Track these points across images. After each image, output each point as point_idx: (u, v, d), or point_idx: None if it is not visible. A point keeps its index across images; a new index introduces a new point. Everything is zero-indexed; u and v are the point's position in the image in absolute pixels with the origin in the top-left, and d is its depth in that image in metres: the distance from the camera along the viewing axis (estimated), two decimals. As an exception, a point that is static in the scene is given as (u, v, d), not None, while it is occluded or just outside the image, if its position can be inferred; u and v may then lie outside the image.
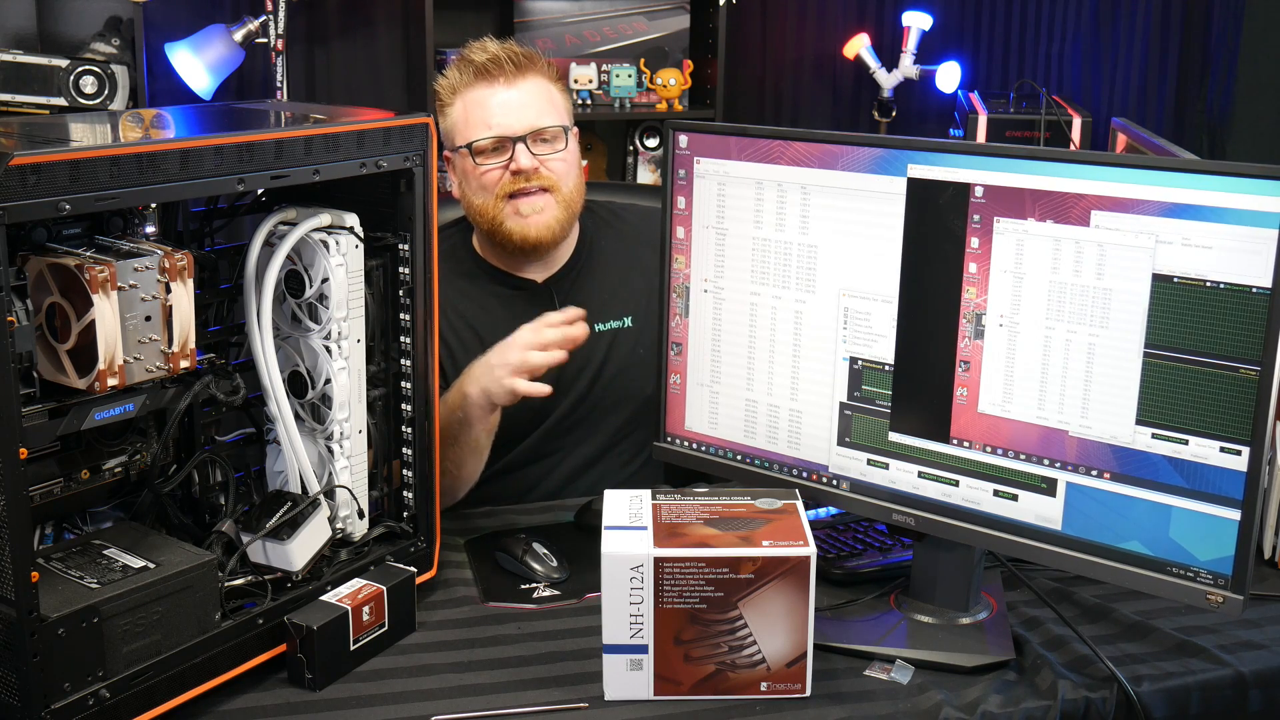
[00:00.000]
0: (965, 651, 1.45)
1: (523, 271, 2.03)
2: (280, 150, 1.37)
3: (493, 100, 1.94)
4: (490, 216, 1.95)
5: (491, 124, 1.93)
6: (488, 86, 1.94)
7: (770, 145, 1.52)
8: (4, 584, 1.18)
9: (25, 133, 1.33)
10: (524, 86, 1.95)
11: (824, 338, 1.52)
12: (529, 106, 1.94)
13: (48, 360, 1.28)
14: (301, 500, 1.47)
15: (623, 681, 1.37)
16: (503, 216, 1.95)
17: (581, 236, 2.08)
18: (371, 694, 1.39)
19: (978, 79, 4.21)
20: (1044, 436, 1.40)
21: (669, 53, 3.89)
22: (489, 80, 1.94)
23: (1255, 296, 1.25)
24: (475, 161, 1.95)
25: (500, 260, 2.04)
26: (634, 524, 1.39)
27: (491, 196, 1.94)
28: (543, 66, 1.99)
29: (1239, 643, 1.48)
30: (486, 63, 1.94)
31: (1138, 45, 4.28)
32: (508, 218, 1.94)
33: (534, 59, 1.98)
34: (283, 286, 1.47)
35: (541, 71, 1.98)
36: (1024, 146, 1.98)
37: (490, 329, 2.00)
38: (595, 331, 2.02)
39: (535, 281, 2.03)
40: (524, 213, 1.94)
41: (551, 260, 2.04)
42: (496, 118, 1.93)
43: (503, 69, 1.94)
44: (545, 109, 1.96)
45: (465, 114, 1.96)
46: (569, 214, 1.98)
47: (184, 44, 3.30)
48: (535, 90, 1.96)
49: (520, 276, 2.04)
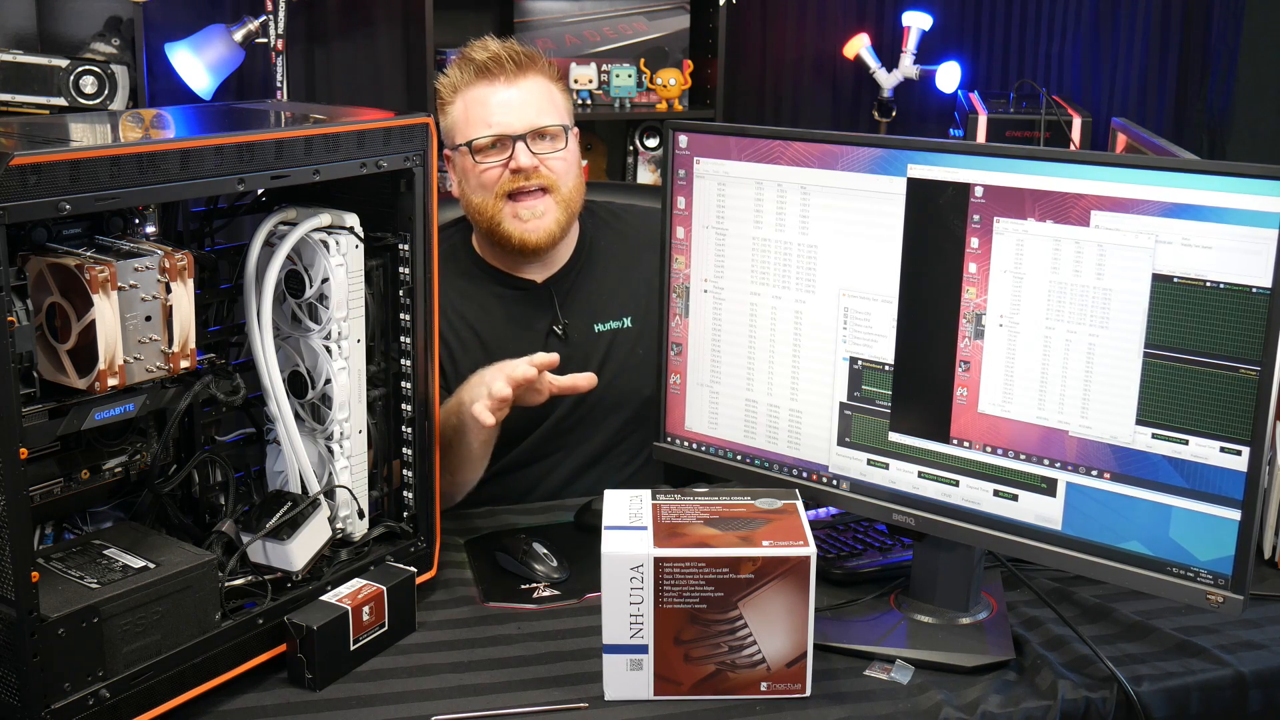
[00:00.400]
0: (965, 651, 1.45)
1: (522, 272, 2.03)
2: (280, 150, 1.37)
3: (493, 99, 1.94)
4: (489, 216, 1.95)
5: (491, 122, 1.93)
6: (488, 85, 1.95)
7: (770, 145, 1.52)
8: (4, 584, 1.18)
9: (25, 133, 1.33)
10: (525, 85, 1.95)
11: (824, 338, 1.52)
12: (529, 105, 1.94)
13: (48, 360, 1.28)
14: (301, 500, 1.47)
15: (623, 681, 1.37)
16: (501, 217, 1.95)
17: (581, 237, 2.08)
18: (371, 694, 1.39)
19: (978, 79, 4.21)
20: (1044, 436, 1.40)
21: (669, 53, 3.89)
22: (490, 79, 1.95)
23: (1255, 296, 1.25)
24: (475, 160, 1.95)
25: (499, 260, 2.04)
26: (634, 524, 1.39)
27: (491, 195, 1.94)
28: (544, 66, 1.99)
29: (1239, 643, 1.48)
30: (487, 61, 1.94)
31: (1138, 45, 4.27)
32: (506, 219, 1.94)
33: (535, 58, 1.98)
34: (283, 286, 1.47)
35: (542, 71, 1.98)
36: (1024, 146, 1.98)
37: (490, 329, 2.00)
38: (595, 332, 2.02)
39: (535, 282, 2.03)
40: (523, 217, 1.94)
41: (551, 260, 2.04)
42: (497, 116, 1.93)
43: (503, 68, 1.94)
44: (545, 108, 1.96)
45: (466, 112, 1.95)
46: (568, 215, 1.98)
47: (184, 44, 3.30)
48: (536, 89, 1.96)
49: (520, 277, 2.03)
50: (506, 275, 2.03)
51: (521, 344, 1.93)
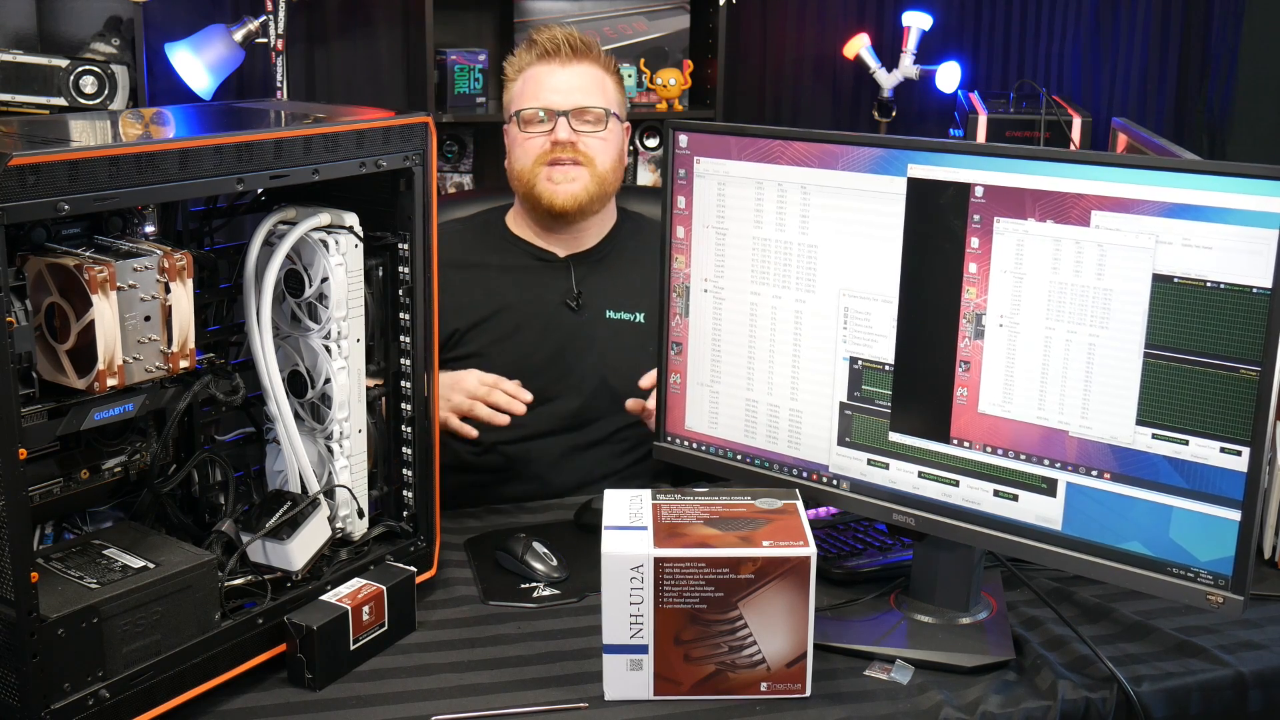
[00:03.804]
0: (965, 651, 1.45)
1: (548, 243, 2.14)
2: (280, 150, 1.37)
3: (548, 79, 2.10)
4: (526, 180, 2.09)
5: (542, 97, 2.09)
6: (546, 66, 2.11)
7: (770, 145, 1.52)
8: (4, 584, 1.18)
9: (25, 133, 1.33)
10: (578, 70, 2.11)
11: (824, 338, 1.52)
12: (579, 89, 2.10)
13: (47, 360, 1.28)
14: (301, 500, 1.47)
15: (623, 681, 1.37)
16: (536, 180, 2.08)
17: (615, 229, 2.19)
18: (371, 694, 1.39)
19: (978, 79, 4.21)
20: (1044, 437, 1.40)
21: (669, 53, 3.89)
22: (548, 61, 2.12)
23: (1255, 297, 1.25)
24: (522, 130, 2.10)
25: (529, 231, 2.16)
26: (634, 524, 1.39)
27: (530, 161, 2.08)
28: (599, 56, 2.15)
29: (1239, 643, 1.48)
30: (547, 44, 2.12)
31: (1138, 45, 4.27)
32: (541, 181, 2.08)
33: (592, 47, 2.14)
34: (282, 286, 1.47)
35: (597, 60, 2.14)
36: (1024, 146, 1.99)
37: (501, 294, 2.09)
38: (606, 317, 2.12)
39: (556, 255, 2.14)
40: (556, 180, 2.07)
41: (579, 238, 2.15)
42: (547, 93, 2.09)
43: (560, 51, 2.11)
44: (594, 92, 2.11)
45: (523, 88, 2.13)
46: (601, 189, 2.10)
47: (184, 44, 3.30)
48: (588, 75, 2.11)
49: (544, 249, 2.14)
50: (531, 245, 2.15)
51: (531, 309, 2.08)
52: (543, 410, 2.02)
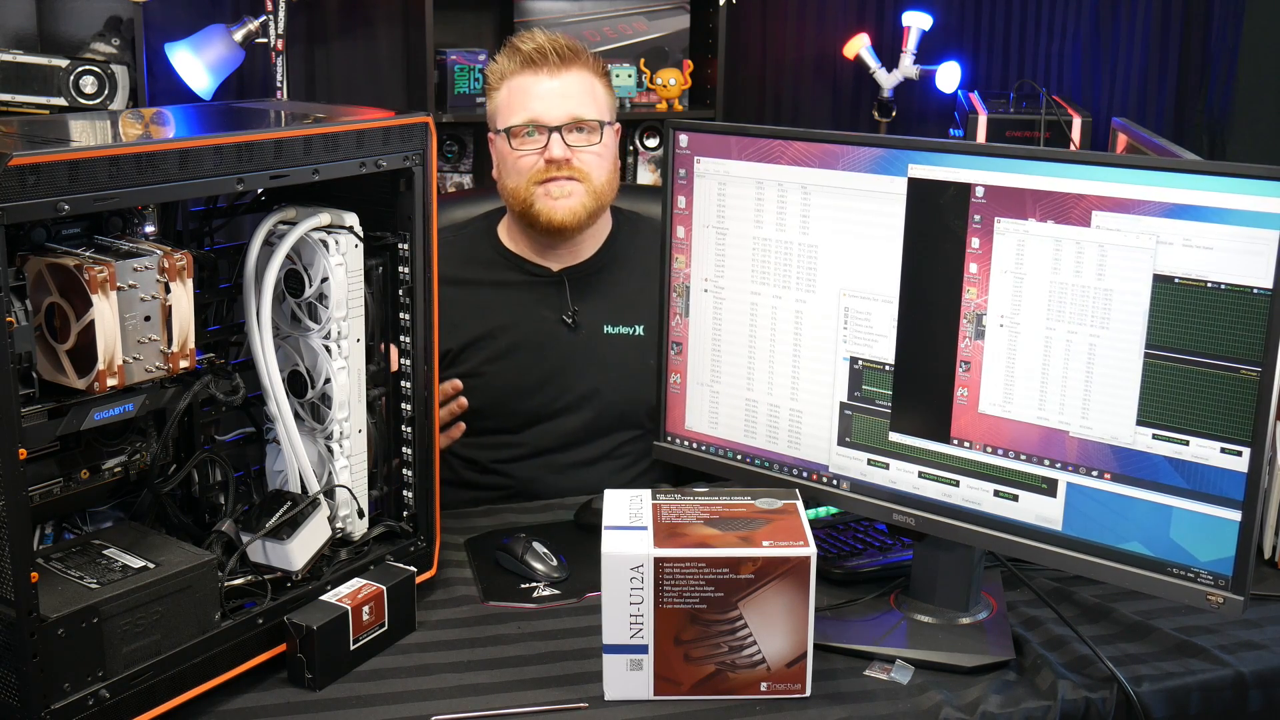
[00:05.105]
0: (965, 651, 1.45)
1: (543, 259, 2.07)
2: (280, 150, 1.37)
3: (536, 88, 2.00)
4: (521, 198, 2.01)
5: (531, 109, 1.99)
6: (533, 75, 2.01)
7: (770, 145, 1.52)
8: (4, 584, 1.18)
9: (25, 133, 1.33)
10: (567, 78, 2.01)
11: (824, 338, 1.52)
12: (569, 98, 2.00)
13: (47, 360, 1.28)
14: (301, 500, 1.47)
15: (623, 681, 1.37)
16: (533, 198, 2.00)
17: (610, 238, 2.12)
18: (371, 694, 1.39)
19: (978, 79, 4.21)
20: (1044, 437, 1.40)
21: (669, 53, 3.88)
22: (534, 69, 2.01)
23: (1256, 297, 1.25)
24: (512, 145, 2.00)
25: (524, 247, 2.09)
26: (634, 524, 1.39)
27: (524, 180, 2.00)
28: (588, 60, 2.05)
29: (1239, 643, 1.48)
30: (532, 52, 2.01)
31: (1138, 45, 4.27)
32: (538, 199, 2.00)
33: (579, 52, 2.04)
34: (282, 286, 1.47)
35: (586, 65, 2.04)
36: (1024, 146, 1.98)
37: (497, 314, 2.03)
38: (605, 332, 2.05)
39: (550, 270, 2.07)
40: (554, 195, 1.99)
41: (574, 252, 2.08)
42: (536, 105, 1.99)
43: (547, 59, 2.00)
44: (585, 101, 2.01)
45: (509, 99, 2.02)
46: (597, 203, 2.02)
47: (184, 44, 3.30)
48: (578, 82, 2.01)
49: (538, 264, 2.07)
50: (525, 261, 2.08)
51: (527, 328, 2.01)
52: (543, 429, 2.01)
